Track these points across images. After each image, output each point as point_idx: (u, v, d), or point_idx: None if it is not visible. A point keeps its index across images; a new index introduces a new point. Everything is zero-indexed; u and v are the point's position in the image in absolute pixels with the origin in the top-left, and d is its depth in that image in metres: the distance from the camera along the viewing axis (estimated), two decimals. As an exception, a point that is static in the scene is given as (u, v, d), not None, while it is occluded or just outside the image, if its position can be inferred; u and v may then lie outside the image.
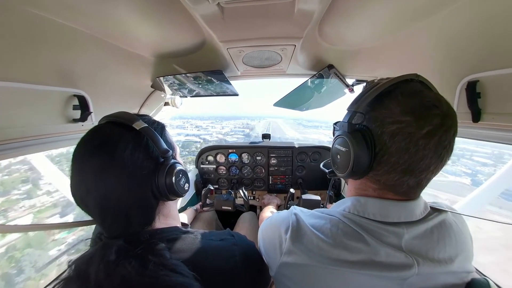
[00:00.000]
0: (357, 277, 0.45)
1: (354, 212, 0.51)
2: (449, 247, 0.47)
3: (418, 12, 0.69)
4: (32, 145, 0.78)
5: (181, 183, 0.55)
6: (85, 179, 0.45)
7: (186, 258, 0.45)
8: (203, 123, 44.98)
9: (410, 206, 0.48)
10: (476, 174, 8.18)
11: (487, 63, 0.65)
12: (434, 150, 0.42)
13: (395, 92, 0.46)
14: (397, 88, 0.46)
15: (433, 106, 0.42)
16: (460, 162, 9.41)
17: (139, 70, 1.23)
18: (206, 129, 39.08)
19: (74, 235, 3.01)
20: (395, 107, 0.44)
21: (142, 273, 0.39)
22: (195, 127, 39.50)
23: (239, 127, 46.30)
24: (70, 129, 0.91)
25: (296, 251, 0.49)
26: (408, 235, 0.46)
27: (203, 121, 48.25)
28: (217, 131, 37.79)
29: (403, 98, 0.44)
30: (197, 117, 69.81)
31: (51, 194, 4.00)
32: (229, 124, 49.12)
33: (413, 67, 0.94)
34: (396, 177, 0.45)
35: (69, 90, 0.88)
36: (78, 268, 0.41)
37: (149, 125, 0.51)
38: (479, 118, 0.69)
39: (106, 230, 0.48)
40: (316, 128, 53.20)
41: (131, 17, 0.74)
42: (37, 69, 0.75)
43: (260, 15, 0.75)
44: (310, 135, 48.70)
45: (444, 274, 0.46)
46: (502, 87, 0.63)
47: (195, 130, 37.55)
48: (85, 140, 0.48)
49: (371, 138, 0.46)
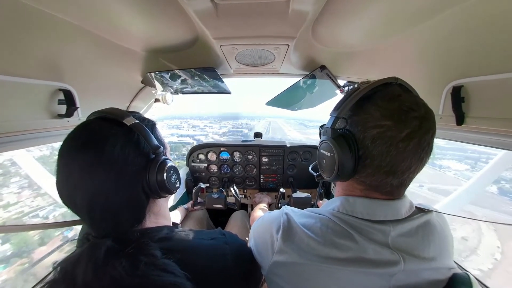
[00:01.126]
0: (346, 274, 0.46)
1: (343, 211, 0.52)
2: (433, 245, 0.49)
3: (409, 19, 0.71)
4: (14, 141, 0.74)
5: (172, 179, 0.55)
6: (72, 176, 0.43)
7: (178, 257, 0.44)
8: (202, 123, 44.17)
9: (396, 205, 0.50)
10: (499, 181, 6.76)
11: (472, 69, 0.68)
12: (414, 152, 0.44)
13: (375, 96, 0.47)
14: (376, 92, 0.48)
15: (411, 110, 0.44)
16: (478, 166, 9.16)
17: (129, 65, 1.19)
18: (204, 129, 38.25)
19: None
20: (375, 111, 0.46)
21: (133, 274, 0.38)
22: (192, 127, 38.63)
23: (238, 127, 45.67)
24: (54, 124, 0.87)
25: (288, 250, 0.50)
26: (394, 233, 0.48)
27: (202, 121, 47.31)
28: (214, 131, 37.10)
29: (382, 102, 0.46)
30: (196, 116, 68.57)
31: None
32: (227, 124, 48.35)
33: (403, 71, 0.97)
34: (379, 178, 0.47)
35: (54, 84, 0.84)
36: (64, 270, 0.40)
37: (140, 121, 0.50)
38: (462, 121, 0.72)
39: (94, 230, 0.46)
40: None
41: (122, 9, 0.72)
42: (20, 61, 0.71)
43: (255, 13, 0.74)
44: (315, 136, 48.41)
45: (428, 270, 0.48)
46: (484, 92, 0.66)
47: (191, 130, 36.67)
48: (73, 136, 0.46)
49: (354, 142, 0.48)
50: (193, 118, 52.57)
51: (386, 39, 0.87)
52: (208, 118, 53.72)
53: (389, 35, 0.83)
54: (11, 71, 0.68)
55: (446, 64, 0.76)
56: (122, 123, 0.47)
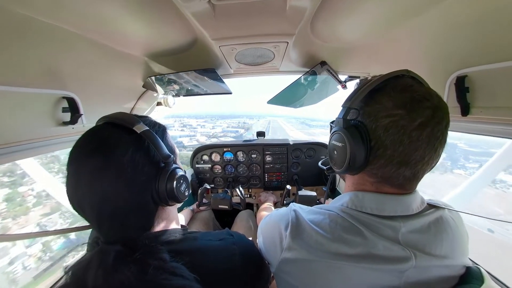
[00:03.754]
0: (356, 270, 0.45)
1: (352, 207, 0.52)
2: (446, 242, 0.48)
3: (409, 10, 0.70)
4: (20, 151, 0.75)
5: (182, 188, 0.54)
6: (81, 183, 0.43)
7: (186, 260, 0.45)
8: (196, 122, 43.41)
9: (406, 200, 0.50)
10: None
11: (475, 59, 0.66)
12: (427, 141, 0.43)
13: (387, 87, 0.47)
14: (388, 84, 0.47)
15: (424, 99, 0.43)
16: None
17: (130, 70, 1.20)
18: (195, 129, 37.25)
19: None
20: (387, 101, 0.45)
21: (142, 278, 0.38)
22: (182, 126, 37.34)
23: (234, 126, 44.42)
24: (60, 132, 0.89)
25: (296, 247, 0.50)
26: (405, 229, 0.47)
27: (197, 120, 46.46)
28: (206, 131, 35.96)
29: (394, 93, 0.46)
30: (194, 115, 67.74)
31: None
32: (223, 123, 47.18)
33: (405, 63, 0.96)
34: (392, 169, 0.46)
35: (57, 92, 0.85)
36: (75, 274, 0.40)
37: (150, 127, 0.50)
38: (468, 112, 0.71)
39: (102, 235, 0.47)
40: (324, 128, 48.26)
41: (121, 15, 0.72)
42: (23, 71, 0.72)
43: (252, 12, 0.74)
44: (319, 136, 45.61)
45: (440, 267, 0.47)
46: (489, 81, 0.65)
47: (178, 130, 35.38)
48: (81, 142, 0.46)
49: (365, 132, 0.47)
50: (190, 117, 51.89)
51: (386, 32, 0.86)
52: (206, 117, 52.96)
53: (389, 27, 0.82)
54: (14, 82, 0.70)
55: (448, 54, 0.75)
56: (132, 130, 0.47)
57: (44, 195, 4.51)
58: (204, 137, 30.19)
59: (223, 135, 34.43)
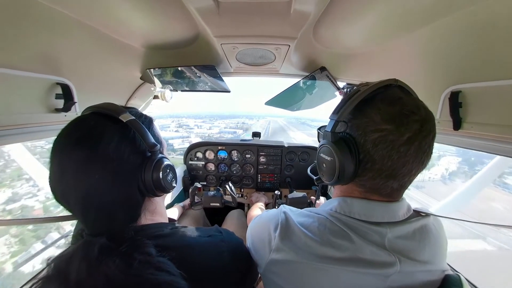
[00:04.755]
0: (343, 273, 0.46)
1: (341, 212, 0.53)
2: (428, 249, 0.50)
3: (410, 22, 0.71)
4: (10, 135, 0.73)
5: (169, 178, 0.54)
6: (66, 173, 0.42)
7: (173, 255, 0.44)
8: (194, 122, 42.46)
9: (394, 207, 0.51)
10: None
11: (470, 75, 0.68)
12: (415, 155, 0.44)
13: (375, 99, 0.47)
14: (376, 95, 0.48)
15: (411, 113, 0.44)
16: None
17: (128, 61, 1.18)
18: (192, 129, 36.39)
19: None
20: (375, 115, 0.46)
21: (127, 272, 0.38)
22: (178, 127, 36.40)
23: (232, 127, 43.35)
24: (52, 119, 0.86)
25: (285, 248, 0.50)
26: (391, 235, 0.48)
27: (195, 120, 45.31)
28: (202, 132, 35.09)
29: (383, 105, 0.46)
30: (193, 116, 66.38)
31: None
32: (221, 123, 46.03)
33: (402, 74, 0.97)
34: (380, 182, 0.47)
35: (52, 78, 0.83)
36: (58, 266, 0.39)
37: (137, 118, 0.49)
38: (459, 127, 0.73)
39: (88, 227, 0.46)
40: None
41: (123, 4, 0.71)
42: (18, 53, 0.70)
43: (256, 12, 0.74)
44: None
45: (423, 272, 0.49)
46: (482, 98, 0.67)
47: (173, 131, 34.49)
48: (67, 132, 0.45)
49: (354, 146, 0.48)
50: (190, 117, 50.88)
51: (386, 42, 0.87)
52: (205, 117, 51.98)
53: (390, 38, 0.84)
54: (7, 64, 0.67)
55: (445, 69, 0.77)
56: (118, 119, 0.46)
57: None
58: (199, 139, 29.54)
59: (219, 136, 33.46)
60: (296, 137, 39.80)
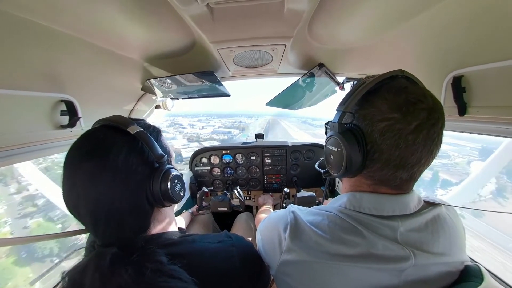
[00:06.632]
0: (355, 270, 0.45)
1: (350, 207, 0.52)
2: (443, 240, 0.48)
3: (404, 12, 0.71)
4: (18, 154, 0.75)
5: (177, 189, 0.54)
6: (76, 185, 0.43)
7: (184, 262, 0.44)
8: (189, 121, 41.08)
9: (404, 199, 0.50)
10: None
11: (471, 59, 0.67)
12: (424, 144, 0.43)
13: (382, 89, 0.47)
14: (383, 85, 0.47)
15: (418, 101, 0.43)
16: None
17: (128, 73, 1.20)
18: (184, 128, 34.94)
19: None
20: (382, 104, 0.45)
21: (139, 281, 0.38)
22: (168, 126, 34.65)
23: (227, 126, 41.21)
24: (58, 135, 0.88)
25: (296, 248, 0.50)
26: (403, 228, 0.47)
27: (190, 119, 43.57)
28: (192, 132, 33.04)
29: (389, 95, 0.45)
30: (190, 114, 65.75)
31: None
32: (217, 123, 44.07)
33: (401, 64, 0.96)
34: (389, 172, 0.46)
35: (55, 95, 0.85)
36: (72, 279, 0.40)
37: (144, 129, 0.50)
38: (464, 112, 0.72)
39: (98, 238, 0.46)
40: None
41: (119, 19, 0.73)
42: (22, 74, 0.72)
43: (250, 15, 0.75)
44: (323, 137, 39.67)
45: (439, 265, 0.47)
46: (485, 81, 0.66)
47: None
48: (77, 145, 0.46)
49: (361, 136, 0.47)
50: (187, 116, 49.49)
51: (383, 33, 0.87)
52: (203, 116, 50.33)
53: (386, 29, 0.83)
54: (12, 85, 0.69)
55: (444, 55, 0.76)
56: (126, 131, 0.47)
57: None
58: (185, 140, 25.41)
59: (209, 138, 30.27)
60: (298, 137, 38.51)
